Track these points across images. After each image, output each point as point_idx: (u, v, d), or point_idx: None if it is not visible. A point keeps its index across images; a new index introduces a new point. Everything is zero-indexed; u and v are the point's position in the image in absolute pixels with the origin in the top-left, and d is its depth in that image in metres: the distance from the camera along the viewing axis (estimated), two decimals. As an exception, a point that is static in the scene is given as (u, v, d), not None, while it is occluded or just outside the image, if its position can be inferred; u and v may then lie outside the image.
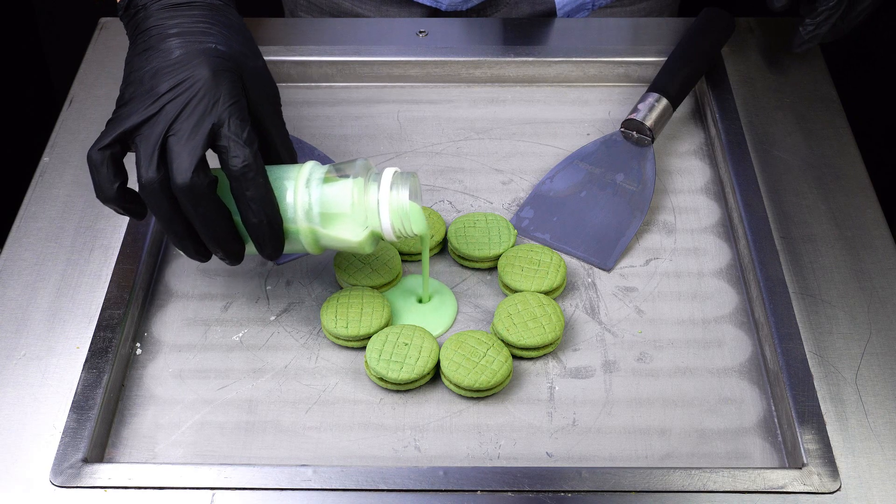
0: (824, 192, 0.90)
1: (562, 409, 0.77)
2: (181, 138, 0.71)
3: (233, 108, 0.72)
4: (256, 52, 0.78)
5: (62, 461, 0.71)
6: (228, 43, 0.75)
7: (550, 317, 0.79)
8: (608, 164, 0.92)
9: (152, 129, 0.71)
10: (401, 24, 1.06)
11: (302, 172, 0.76)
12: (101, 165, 0.72)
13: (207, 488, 0.70)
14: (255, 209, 0.72)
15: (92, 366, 0.76)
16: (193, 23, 0.75)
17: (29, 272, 0.84)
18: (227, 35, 0.76)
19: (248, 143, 0.71)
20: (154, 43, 0.74)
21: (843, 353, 0.78)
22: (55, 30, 1.86)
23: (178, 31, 0.75)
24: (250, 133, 0.72)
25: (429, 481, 0.70)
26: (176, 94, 0.72)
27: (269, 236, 0.73)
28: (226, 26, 0.77)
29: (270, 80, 0.78)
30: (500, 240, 0.86)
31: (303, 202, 0.74)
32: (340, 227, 0.75)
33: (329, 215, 0.75)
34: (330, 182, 0.75)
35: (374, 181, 0.75)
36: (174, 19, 0.75)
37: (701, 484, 0.70)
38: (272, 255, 0.75)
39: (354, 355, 0.80)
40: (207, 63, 0.72)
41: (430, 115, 1.00)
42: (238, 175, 0.71)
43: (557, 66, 1.02)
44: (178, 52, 0.73)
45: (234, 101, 0.72)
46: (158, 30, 0.75)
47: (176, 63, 0.73)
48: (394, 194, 0.75)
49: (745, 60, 1.02)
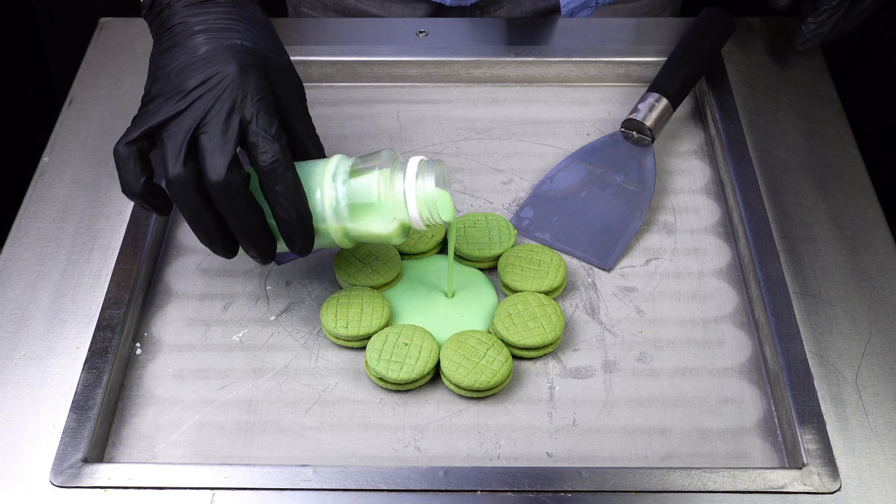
0: (824, 192, 0.90)
1: (562, 409, 0.77)
2: (213, 135, 0.71)
3: (261, 104, 0.72)
4: (281, 48, 0.78)
5: (62, 461, 0.71)
6: (254, 39, 0.75)
7: (550, 317, 0.79)
8: (608, 164, 0.92)
9: (180, 126, 0.71)
10: (401, 24, 1.06)
11: (328, 167, 0.76)
12: (127, 160, 0.72)
13: (207, 488, 0.70)
14: (284, 204, 0.72)
15: (92, 366, 0.76)
16: (218, 19, 0.75)
17: (29, 272, 0.84)
18: (252, 31, 0.76)
19: (276, 138, 0.72)
20: (180, 40, 0.75)
21: (843, 353, 0.78)
22: (55, 30, 1.86)
23: (204, 27, 0.75)
24: (278, 128, 0.72)
25: (429, 481, 0.70)
26: (204, 90, 0.72)
27: (300, 231, 0.73)
28: (251, 22, 0.77)
29: (296, 76, 0.78)
30: (500, 240, 0.86)
31: (330, 197, 0.75)
32: (369, 220, 0.75)
33: (357, 209, 0.75)
34: (356, 175, 0.75)
35: (399, 171, 0.75)
36: (199, 16, 0.75)
37: (701, 484, 0.70)
38: (302, 250, 0.75)
39: (354, 355, 0.80)
40: (234, 59, 0.73)
41: (430, 115, 1.00)
42: (268, 171, 0.71)
43: (557, 66, 1.02)
44: (204, 48, 0.73)
45: (262, 96, 0.72)
46: (183, 27, 0.75)
47: (203, 59, 0.73)
48: (420, 183, 0.75)
49: (745, 60, 1.02)
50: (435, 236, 0.86)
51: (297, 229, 0.73)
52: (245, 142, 0.72)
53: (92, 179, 0.91)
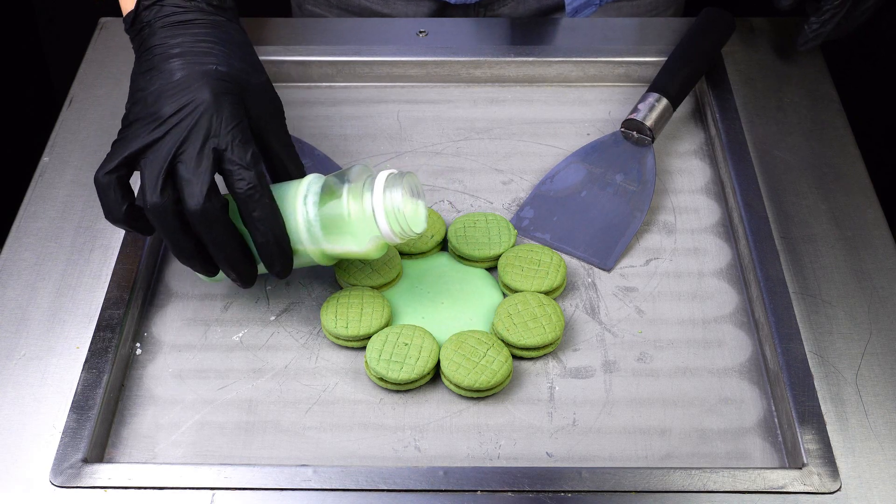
0: (824, 192, 0.90)
1: (562, 409, 0.77)
2: (189, 164, 0.72)
3: (235, 132, 0.73)
4: (259, 68, 0.79)
5: (62, 461, 0.71)
6: (229, 62, 0.76)
7: (550, 317, 0.79)
8: (608, 164, 0.92)
9: (157, 154, 0.72)
10: (401, 24, 1.06)
11: (300, 189, 0.76)
12: (108, 189, 0.74)
13: (207, 488, 0.70)
14: (262, 229, 0.73)
15: (92, 366, 0.76)
16: (195, 42, 0.76)
17: (29, 272, 0.84)
18: (228, 53, 0.77)
19: (251, 165, 0.73)
20: (157, 63, 0.76)
21: (843, 353, 0.78)
22: (55, 30, 1.86)
23: (181, 50, 0.76)
24: (254, 154, 0.73)
25: (429, 481, 0.70)
26: (179, 118, 0.73)
27: (278, 255, 0.75)
28: (227, 43, 0.77)
29: (274, 95, 0.79)
30: (500, 240, 0.86)
31: (304, 220, 0.75)
32: (344, 240, 0.75)
33: (330, 229, 0.75)
34: (328, 195, 0.75)
35: (368, 188, 0.75)
36: (177, 38, 0.76)
37: (701, 484, 0.70)
38: (281, 273, 0.76)
39: (354, 355, 0.80)
40: (208, 85, 0.74)
41: (430, 115, 1.00)
42: (244, 197, 0.73)
43: (557, 66, 1.02)
44: (179, 73, 0.74)
45: (236, 123, 0.73)
46: (161, 49, 0.76)
47: (177, 85, 0.74)
48: (388, 198, 0.74)
49: (745, 60, 1.02)
50: (435, 236, 0.86)
51: (275, 253, 0.74)
52: (221, 169, 0.73)
53: (92, 179, 0.91)
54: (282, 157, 0.79)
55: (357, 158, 0.95)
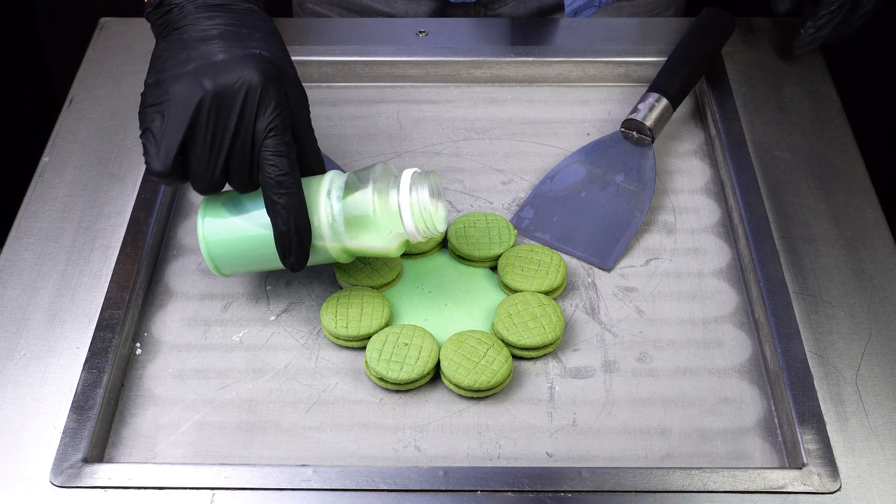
0: (824, 192, 0.90)
1: (562, 409, 0.77)
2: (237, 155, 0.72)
3: (278, 118, 0.72)
4: (290, 61, 0.77)
5: (62, 461, 0.71)
6: (270, 49, 0.74)
7: (550, 317, 0.79)
8: (608, 164, 0.92)
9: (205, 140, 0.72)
10: (401, 23, 1.06)
11: (322, 184, 0.76)
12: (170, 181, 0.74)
13: (207, 488, 0.70)
14: (285, 216, 0.73)
15: (92, 366, 0.76)
16: (235, 26, 0.74)
17: (29, 272, 0.84)
18: (267, 40, 0.75)
19: (286, 153, 0.73)
20: (191, 43, 0.73)
21: (843, 353, 0.78)
22: (55, 30, 1.86)
23: (219, 32, 0.73)
24: (289, 143, 0.73)
25: (429, 481, 0.70)
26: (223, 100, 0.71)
27: (297, 246, 0.74)
28: (265, 31, 0.76)
29: (303, 90, 0.78)
30: (500, 240, 0.86)
31: (326, 215, 0.75)
32: (367, 236, 0.76)
33: (354, 225, 0.75)
34: (351, 192, 0.75)
35: (393, 185, 0.76)
36: (213, 19, 0.74)
37: (701, 484, 0.70)
38: (295, 265, 0.76)
39: (354, 355, 0.80)
40: (258, 69, 0.72)
41: (430, 115, 1.00)
42: (274, 183, 0.72)
43: (557, 66, 1.02)
44: (220, 55, 0.72)
45: (281, 109, 0.73)
46: (196, 30, 0.74)
47: (220, 66, 0.72)
48: (414, 196, 0.75)
49: (745, 60, 1.02)
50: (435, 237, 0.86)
51: (294, 243, 0.74)
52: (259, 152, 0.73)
53: (92, 179, 0.91)
54: (307, 152, 0.78)
55: (357, 158, 0.95)
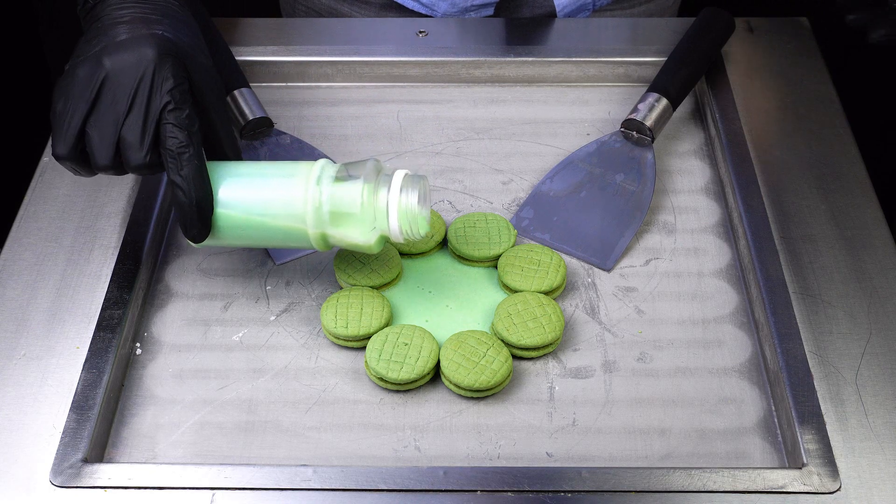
0: (824, 192, 0.90)
1: (562, 409, 0.77)
2: (133, 127, 0.74)
3: (174, 92, 0.74)
4: (205, 52, 0.80)
5: (62, 461, 0.71)
6: (176, 34, 0.77)
7: (550, 317, 0.79)
8: (608, 164, 0.92)
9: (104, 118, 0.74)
10: (401, 24, 1.06)
11: (313, 170, 0.76)
12: (72, 165, 0.76)
13: (207, 488, 0.70)
14: (185, 189, 0.74)
15: (92, 366, 0.76)
16: (146, 13, 0.77)
17: (29, 272, 0.84)
18: (176, 27, 0.78)
19: (185, 125, 0.74)
20: (102, 29, 0.77)
21: (843, 353, 0.78)
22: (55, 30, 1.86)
23: (129, 18, 0.77)
24: (189, 116, 0.75)
25: (429, 481, 0.70)
26: (121, 76, 0.74)
27: (196, 219, 0.75)
28: (176, 20, 0.79)
29: (217, 77, 0.80)
30: (500, 240, 0.86)
31: (313, 200, 0.75)
32: (349, 228, 0.76)
33: (338, 215, 0.75)
34: (340, 182, 0.75)
35: (384, 183, 0.76)
36: (125, 9, 0.78)
37: (701, 484, 0.70)
38: (196, 237, 0.77)
39: (354, 355, 0.80)
40: (153, 45, 0.75)
41: (430, 115, 1.00)
42: (174, 155, 0.74)
43: (557, 66, 1.02)
44: (124, 35, 0.76)
45: (177, 83, 0.74)
46: (109, 18, 0.77)
47: (121, 45, 0.75)
48: (403, 197, 0.75)
49: (745, 60, 1.02)
50: (435, 236, 0.86)
51: (193, 216, 0.75)
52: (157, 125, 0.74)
53: (92, 179, 0.91)
54: (220, 137, 0.80)
55: (357, 158, 0.95)
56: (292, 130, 0.97)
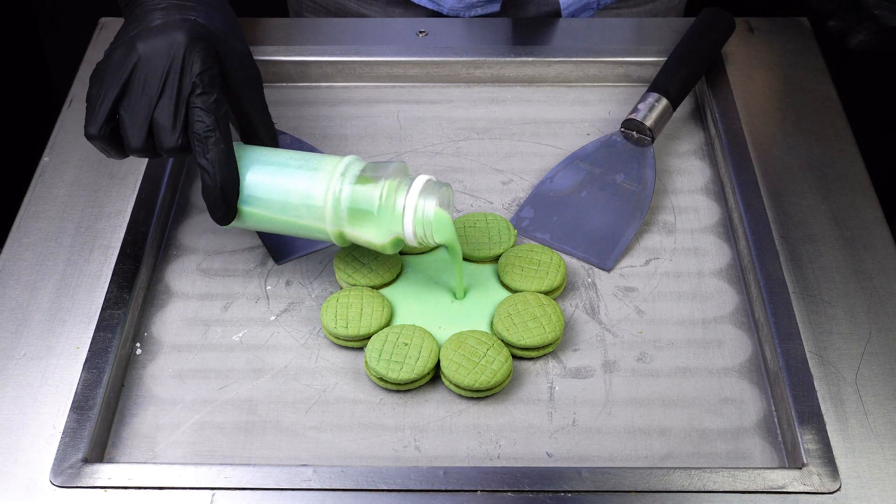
0: (824, 192, 0.90)
1: (562, 409, 0.77)
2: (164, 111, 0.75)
3: (203, 75, 0.75)
4: (241, 38, 0.81)
5: (62, 461, 0.71)
6: (210, 20, 0.78)
7: (550, 317, 0.79)
8: (608, 164, 0.92)
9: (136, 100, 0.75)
10: (401, 24, 1.06)
11: (339, 165, 0.77)
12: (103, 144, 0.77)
13: (207, 488, 0.70)
14: (211, 172, 0.75)
15: (92, 366, 0.76)
16: (180, 0, 0.78)
17: (29, 272, 0.84)
18: (211, 15, 0.79)
19: (213, 109, 0.75)
20: (139, 16, 0.78)
21: (843, 353, 0.78)
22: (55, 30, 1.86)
23: (165, 5, 0.78)
24: (218, 100, 0.75)
25: (429, 481, 0.70)
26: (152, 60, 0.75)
27: (220, 201, 0.76)
28: (211, 6, 0.80)
29: (252, 63, 0.81)
30: (500, 240, 0.86)
31: (333, 193, 0.76)
32: (365, 227, 0.76)
33: (356, 213, 0.76)
34: (363, 182, 0.76)
35: (404, 187, 0.76)
36: None
37: (701, 484, 0.70)
38: (221, 220, 0.78)
39: (354, 355, 0.80)
40: (184, 29, 0.75)
41: (430, 115, 1.00)
42: (201, 138, 0.74)
43: (557, 66, 1.02)
44: (158, 21, 0.77)
45: (206, 67, 0.75)
46: (147, 6, 0.78)
47: (155, 30, 0.76)
48: (420, 202, 0.76)
49: (745, 60, 1.02)
50: (435, 236, 0.86)
51: (218, 199, 0.76)
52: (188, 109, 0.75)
53: (92, 179, 0.91)
54: (255, 123, 0.81)
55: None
56: (292, 130, 0.97)
